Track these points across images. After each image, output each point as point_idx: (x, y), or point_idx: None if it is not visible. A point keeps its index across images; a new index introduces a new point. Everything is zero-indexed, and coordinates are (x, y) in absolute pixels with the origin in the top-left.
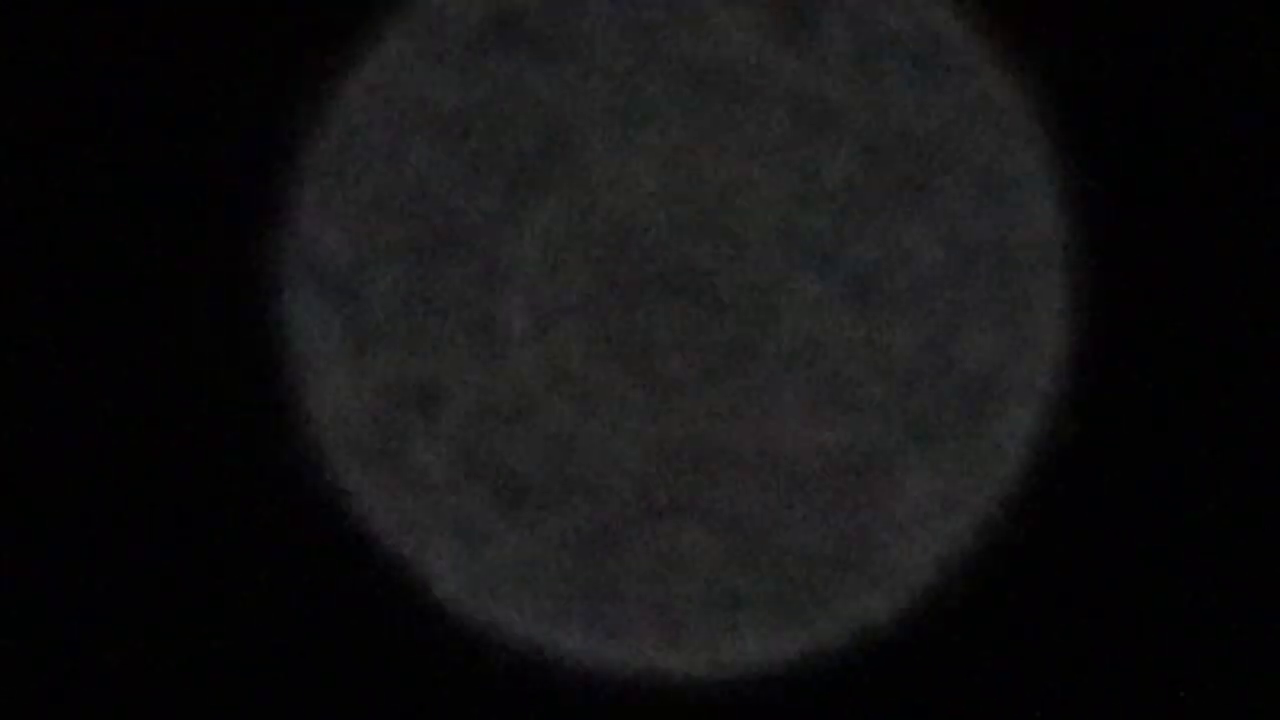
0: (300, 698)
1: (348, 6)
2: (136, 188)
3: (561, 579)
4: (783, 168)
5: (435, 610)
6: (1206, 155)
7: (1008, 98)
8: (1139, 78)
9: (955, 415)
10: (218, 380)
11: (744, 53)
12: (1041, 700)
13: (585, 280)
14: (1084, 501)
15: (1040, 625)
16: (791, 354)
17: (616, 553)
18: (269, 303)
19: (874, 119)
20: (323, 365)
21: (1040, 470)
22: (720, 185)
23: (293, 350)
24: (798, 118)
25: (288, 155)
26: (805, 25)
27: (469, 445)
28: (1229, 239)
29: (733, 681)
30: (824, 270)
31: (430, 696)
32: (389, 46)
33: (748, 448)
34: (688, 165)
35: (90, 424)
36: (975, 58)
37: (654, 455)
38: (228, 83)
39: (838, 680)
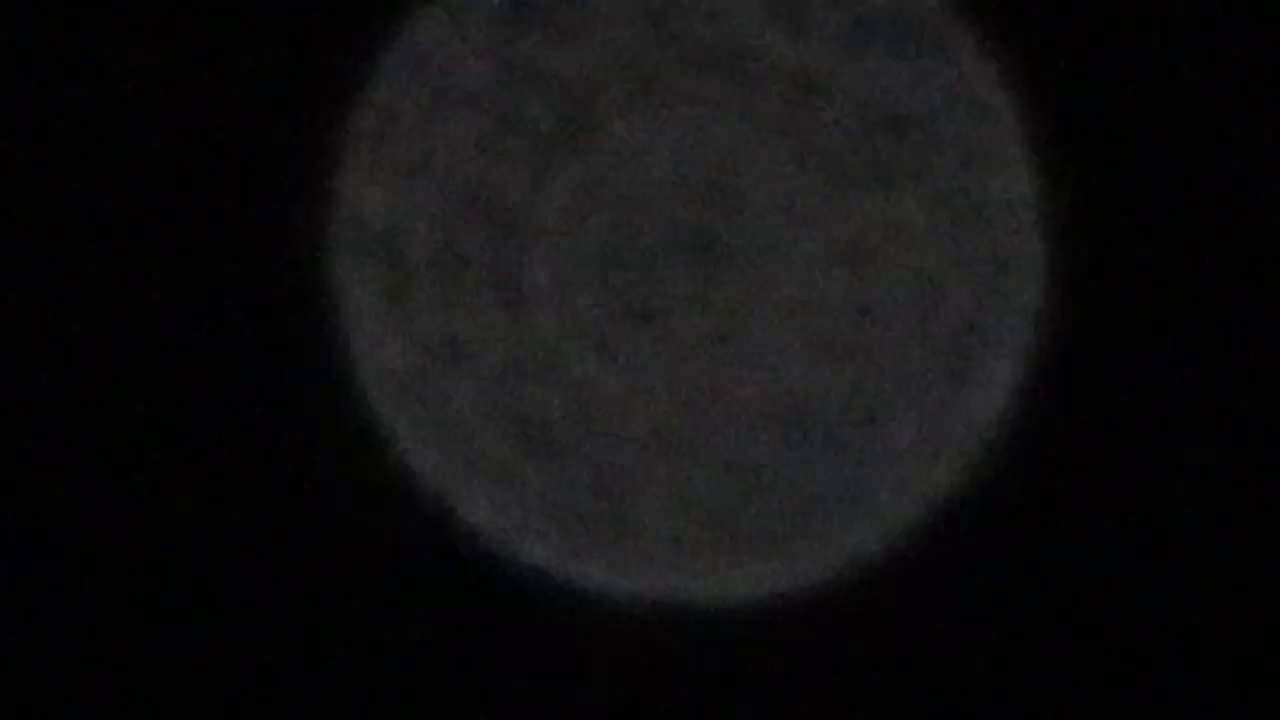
0: (342, 621)
1: None
2: (195, 160)
3: (581, 516)
4: (780, 140)
5: (468, 543)
6: (1170, 129)
7: (984, 73)
8: (1104, 48)
9: (939, 366)
10: (267, 335)
11: (744, 34)
12: (1019, 629)
13: (602, 242)
14: (1058, 442)
15: (1016, 559)
16: (789, 310)
17: (631, 492)
18: (314, 261)
19: (862, 95)
20: (364, 319)
21: (1017, 415)
22: (723, 156)
23: (336, 305)
24: (794, 95)
25: (331, 128)
26: (799, 9)
27: (498, 393)
28: (1194, 209)
29: (734, 609)
30: (819, 234)
31: (463, 621)
32: (422, 30)
33: (749, 395)
34: (694, 138)
35: (141, 379)
36: (954, 37)
37: (665, 402)
38: (282, 63)
39: (830, 607)
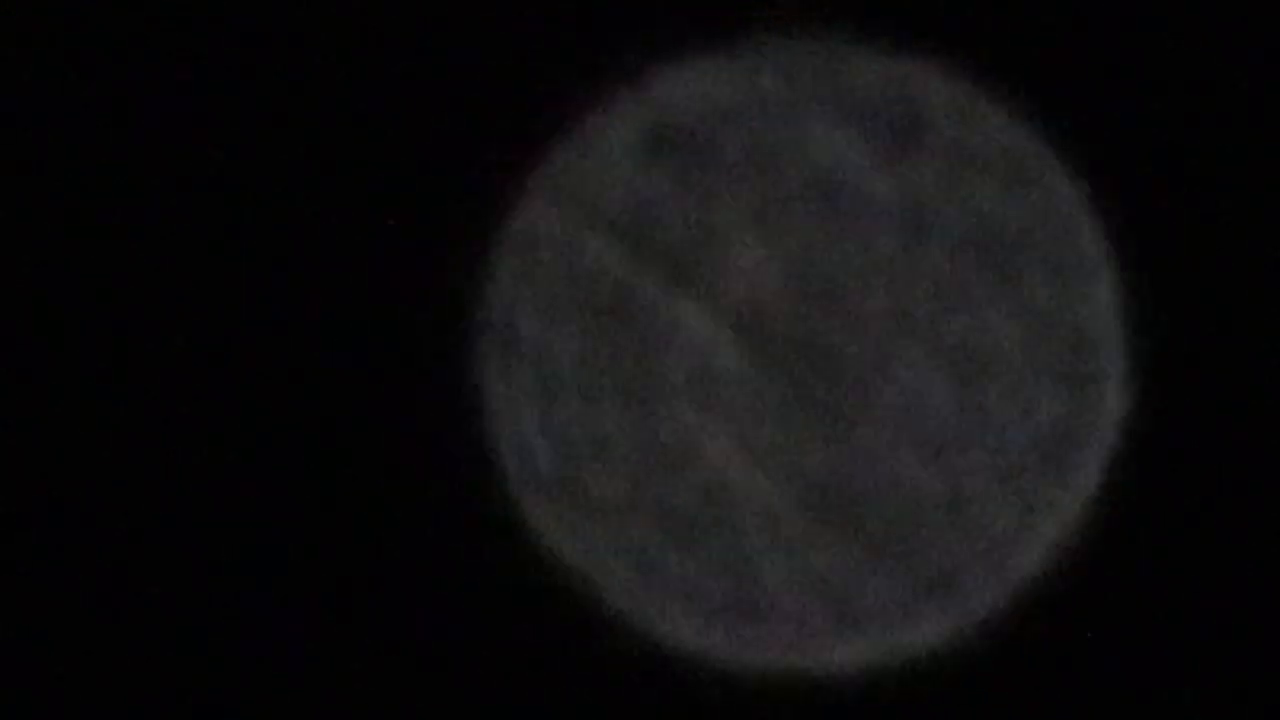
0: (492, 707)
1: (535, 128)
2: (365, 271)
3: (714, 595)
4: (889, 259)
5: (608, 622)
6: (1245, 243)
7: (1071, 198)
8: (1182, 178)
9: (1032, 463)
10: (425, 427)
11: (857, 167)
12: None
13: (729, 349)
14: (1143, 537)
15: (1103, 642)
16: (899, 411)
17: (758, 573)
18: (470, 362)
19: (961, 218)
20: (514, 414)
21: (1105, 510)
22: (838, 273)
23: (489, 402)
24: (901, 219)
25: (487, 243)
26: (897, 143)
27: (636, 483)
28: (1276, 318)
29: (854, 680)
30: (925, 343)
31: (602, 696)
32: (568, 160)
33: (864, 487)
34: (811, 257)
35: (305, 461)
36: (1043, 166)
37: (789, 491)
38: (441, 186)
39: (936, 678)
